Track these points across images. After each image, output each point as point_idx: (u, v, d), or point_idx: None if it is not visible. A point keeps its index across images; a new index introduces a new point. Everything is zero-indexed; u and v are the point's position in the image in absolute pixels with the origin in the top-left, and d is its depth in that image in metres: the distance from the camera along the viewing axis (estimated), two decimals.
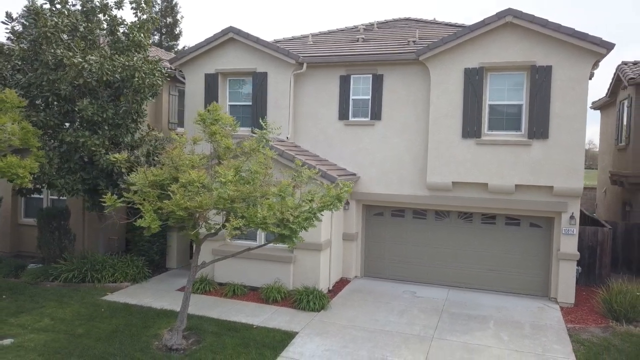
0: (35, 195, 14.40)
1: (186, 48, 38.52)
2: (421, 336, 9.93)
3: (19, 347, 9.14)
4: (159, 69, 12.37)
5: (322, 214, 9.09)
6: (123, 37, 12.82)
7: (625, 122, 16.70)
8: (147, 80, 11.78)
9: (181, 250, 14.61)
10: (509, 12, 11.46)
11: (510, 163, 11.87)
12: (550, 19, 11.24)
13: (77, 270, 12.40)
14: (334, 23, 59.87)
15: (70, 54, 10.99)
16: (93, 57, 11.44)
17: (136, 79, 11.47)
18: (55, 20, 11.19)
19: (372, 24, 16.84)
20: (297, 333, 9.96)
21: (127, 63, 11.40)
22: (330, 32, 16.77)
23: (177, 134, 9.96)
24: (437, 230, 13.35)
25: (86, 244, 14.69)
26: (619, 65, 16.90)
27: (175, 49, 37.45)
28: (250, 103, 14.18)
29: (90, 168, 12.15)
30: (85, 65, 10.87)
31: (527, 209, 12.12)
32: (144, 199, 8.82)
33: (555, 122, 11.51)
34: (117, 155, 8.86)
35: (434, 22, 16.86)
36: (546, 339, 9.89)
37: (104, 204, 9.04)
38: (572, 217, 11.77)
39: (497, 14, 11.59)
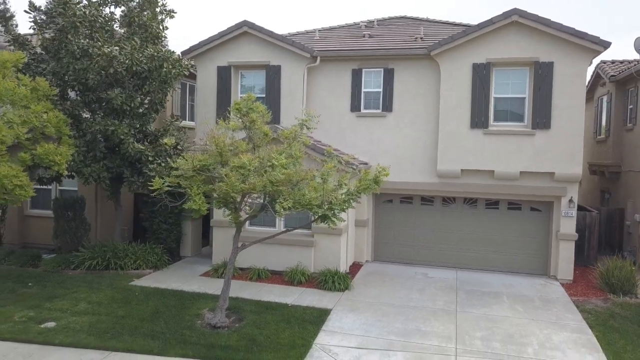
0: (42, 186, 14.36)
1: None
2: (445, 310, 10.73)
3: (66, 329, 9.36)
4: (183, 59, 12.67)
5: (359, 197, 9.74)
6: (139, 30, 13.03)
7: (604, 117, 18.09)
8: (174, 70, 12.09)
9: (195, 238, 14.92)
10: (515, 11, 12.40)
11: (515, 151, 12.84)
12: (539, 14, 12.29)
13: (100, 258, 12.56)
14: (321, 21, 61.00)
15: (100, 43, 11.18)
16: (116, 48, 11.66)
17: (164, 70, 11.77)
18: (83, 10, 11.34)
19: (372, 22, 17.57)
20: (330, 310, 10.56)
21: (155, 54, 11.67)
22: (332, 29, 17.38)
23: (220, 122, 10.24)
24: (444, 216, 14.22)
25: (99, 233, 14.79)
26: (598, 64, 18.26)
27: None
28: (263, 95, 14.63)
29: (113, 157, 12.34)
30: (116, 55, 11.09)
31: (529, 194, 13.13)
32: (190, 184, 9.21)
33: (557, 113, 12.55)
34: (166, 140, 9.20)
35: (429, 20, 17.73)
36: (557, 310, 10.88)
37: (150, 187, 9.38)
38: (571, 201, 12.85)
39: (503, 13, 12.52)
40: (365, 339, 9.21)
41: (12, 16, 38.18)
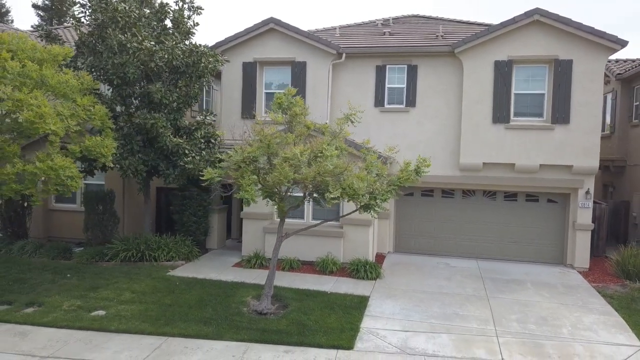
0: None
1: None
2: (477, 296, 11.23)
3: (117, 316, 9.61)
4: (219, 54, 12.94)
5: (399, 187, 10.16)
6: (170, 25, 13.27)
7: (609, 114, 18.81)
8: (210, 65, 12.36)
9: (221, 231, 15.21)
10: (537, 11, 12.95)
11: (535, 145, 13.40)
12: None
13: (134, 250, 12.79)
14: (326, 20, 61.78)
15: (140, 38, 11.41)
16: (152, 42, 11.92)
17: (202, 64, 12.04)
18: (124, 5, 11.57)
19: (387, 20, 18.03)
20: (368, 297, 10.98)
21: (194, 49, 11.95)
22: (350, 26, 17.78)
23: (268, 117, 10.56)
24: (464, 208, 14.73)
25: (126, 226, 14.99)
26: None
27: None
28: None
29: (147, 150, 12.56)
30: (157, 50, 11.33)
31: (547, 186, 13.71)
32: (242, 174, 9.53)
33: (575, 108, 13.14)
34: (217, 132, 9.49)
35: (442, 19, 18.22)
36: (580, 295, 11.46)
37: (201, 178, 9.68)
38: (587, 193, 13.48)
39: (525, 12, 13.06)
40: (408, 323, 9.65)
41: (7, 11, 37.86)
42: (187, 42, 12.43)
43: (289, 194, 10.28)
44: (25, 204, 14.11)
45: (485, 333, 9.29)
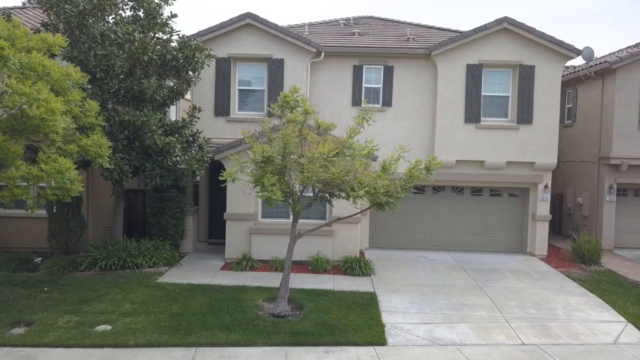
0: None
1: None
2: (471, 286, 11.93)
3: (129, 330, 8.89)
4: (207, 48, 12.31)
5: (412, 185, 10.51)
6: (143, 15, 12.41)
7: None
8: (200, 60, 11.73)
9: (194, 234, 14.53)
10: (506, 19, 13.98)
11: (502, 144, 14.48)
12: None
13: (115, 257, 11.81)
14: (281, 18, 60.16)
15: (130, 28, 10.55)
16: (137, 33, 11.10)
17: (196, 59, 11.39)
18: None
19: (348, 19, 18.31)
20: (374, 293, 11.20)
21: (188, 43, 11.27)
22: (312, 25, 17.77)
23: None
24: (434, 203, 15.49)
25: (90, 232, 13.74)
26: None
27: None
28: (261, 88, 14.71)
29: (128, 149, 11.66)
30: (150, 42, 10.55)
31: (511, 181, 14.89)
32: (264, 173, 9.27)
33: (537, 110, 14.40)
34: (241, 131, 9.15)
35: (397, 21, 18.87)
36: (554, 280, 12.63)
37: (220, 179, 9.26)
38: (546, 187, 14.83)
39: (496, 20, 14.04)
40: (424, 315, 10.03)
41: None
42: (176, 36, 11.70)
43: (302, 194, 10.19)
44: None
45: (496, 320, 9.94)
